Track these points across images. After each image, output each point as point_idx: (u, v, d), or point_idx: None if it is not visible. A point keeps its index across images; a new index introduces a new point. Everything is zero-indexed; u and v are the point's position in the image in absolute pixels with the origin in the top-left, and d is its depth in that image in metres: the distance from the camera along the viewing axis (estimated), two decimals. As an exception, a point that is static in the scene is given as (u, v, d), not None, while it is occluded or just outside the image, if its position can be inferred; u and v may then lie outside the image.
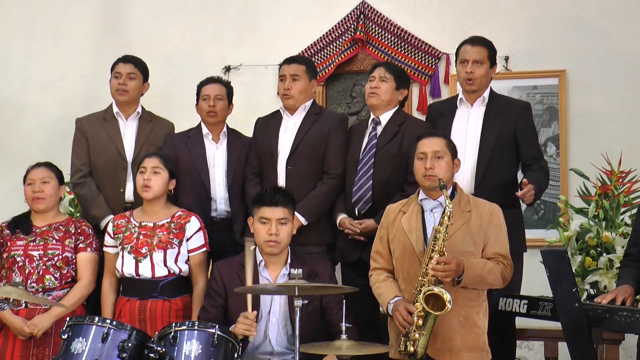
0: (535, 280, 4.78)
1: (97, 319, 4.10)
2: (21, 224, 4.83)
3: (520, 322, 4.84)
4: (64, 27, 7.23)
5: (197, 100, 5.33)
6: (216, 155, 5.26)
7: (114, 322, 4.07)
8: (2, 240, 4.81)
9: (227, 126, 5.37)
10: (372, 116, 5.13)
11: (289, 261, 4.52)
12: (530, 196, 4.65)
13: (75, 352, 3.97)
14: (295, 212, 4.88)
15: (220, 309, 4.51)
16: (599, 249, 4.88)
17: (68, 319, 4.19)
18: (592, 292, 4.79)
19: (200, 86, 5.35)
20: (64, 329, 4.08)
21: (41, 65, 7.24)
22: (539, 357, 5.92)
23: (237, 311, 4.42)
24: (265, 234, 4.45)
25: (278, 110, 5.29)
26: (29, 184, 4.84)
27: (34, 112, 7.19)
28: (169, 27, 7.07)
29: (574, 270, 4.43)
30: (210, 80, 5.35)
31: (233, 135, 5.36)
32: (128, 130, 5.36)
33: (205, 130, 5.29)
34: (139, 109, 5.41)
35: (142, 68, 5.43)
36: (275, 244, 4.45)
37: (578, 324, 3.99)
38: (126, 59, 5.43)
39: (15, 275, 4.66)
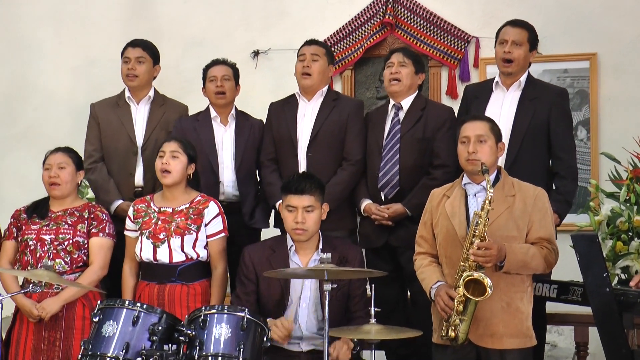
0: (566, 265, 4.76)
1: (127, 302, 4.14)
2: (39, 208, 4.85)
3: (550, 307, 4.83)
4: (93, 13, 7.28)
5: (204, 83, 5.32)
6: (224, 139, 5.25)
7: (145, 306, 4.10)
8: (19, 224, 4.84)
9: (236, 108, 5.35)
10: (392, 102, 5.11)
11: (320, 246, 4.53)
12: (556, 223, 4.65)
13: (107, 335, 4.00)
14: None
15: (253, 295, 4.52)
16: (630, 234, 4.83)
17: (99, 302, 4.24)
18: (623, 276, 4.76)
19: (206, 69, 5.33)
20: (95, 311, 4.12)
21: (70, 50, 7.29)
22: (569, 342, 5.91)
23: (268, 296, 4.46)
24: (292, 222, 4.46)
25: (293, 95, 5.27)
26: (47, 169, 4.85)
27: (63, 98, 7.26)
28: (197, 12, 7.10)
29: (604, 255, 4.41)
30: (216, 62, 5.34)
31: (241, 118, 5.33)
32: (139, 115, 5.37)
33: (213, 113, 5.29)
34: (151, 93, 5.41)
35: (151, 51, 5.41)
36: (302, 231, 4.45)
37: (609, 308, 3.97)
38: (134, 43, 5.42)
39: (27, 258, 4.69)
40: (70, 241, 4.73)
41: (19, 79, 7.37)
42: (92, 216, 4.81)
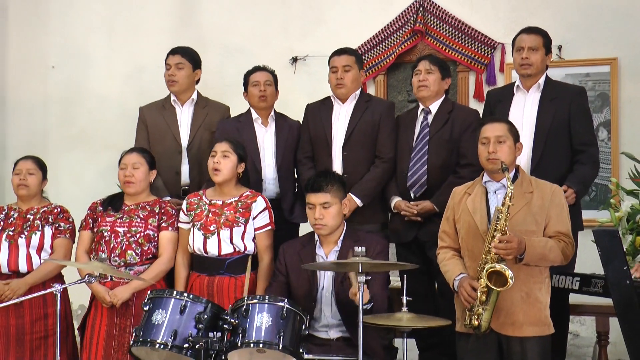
0: (588, 259, 4.72)
1: (175, 292, 4.18)
2: (114, 202, 4.91)
3: (573, 298, 4.79)
4: (143, 22, 7.33)
5: (246, 88, 5.35)
6: (266, 139, 5.28)
7: (191, 296, 4.14)
8: (95, 216, 4.90)
9: (275, 110, 5.38)
10: (421, 106, 5.11)
11: (341, 239, 4.53)
12: (572, 200, 4.61)
13: (156, 323, 4.05)
14: (351, 195, 4.94)
15: (284, 285, 4.55)
16: (650, 229, 4.79)
17: (149, 292, 4.27)
18: (642, 270, 4.71)
19: (248, 74, 5.36)
20: (146, 301, 4.17)
21: (122, 57, 7.35)
22: (590, 332, 5.86)
23: (297, 288, 4.50)
24: (312, 218, 4.50)
25: (328, 97, 5.28)
26: (122, 168, 4.91)
27: (115, 102, 7.31)
28: (239, 21, 7.12)
29: (624, 249, 4.36)
30: (258, 69, 5.38)
31: (280, 119, 5.37)
32: (184, 117, 5.41)
33: (254, 115, 5.31)
34: (194, 96, 5.44)
35: (190, 57, 5.44)
36: (322, 226, 4.47)
37: (629, 300, 3.92)
38: (174, 51, 5.46)
39: (101, 249, 4.75)
40: (142, 234, 4.78)
41: (74, 85, 7.44)
42: (162, 211, 4.86)
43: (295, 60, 6.90)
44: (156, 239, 4.82)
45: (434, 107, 5.05)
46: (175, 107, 5.43)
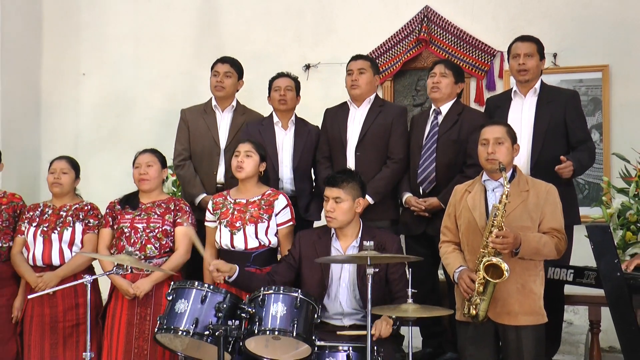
0: (581, 252, 4.71)
1: (196, 283, 4.16)
2: (130, 200, 4.92)
3: (567, 289, 4.77)
4: (167, 32, 7.36)
5: (269, 92, 5.37)
6: (284, 141, 5.29)
7: (211, 286, 4.13)
8: (114, 214, 4.91)
9: (296, 115, 5.39)
10: (433, 107, 5.09)
11: (359, 234, 4.53)
12: (569, 172, 4.59)
13: (179, 312, 4.05)
14: None
15: (291, 268, 4.54)
16: (639, 225, 4.78)
17: (172, 283, 4.28)
18: (632, 263, 4.70)
19: (272, 80, 5.40)
20: (169, 291, 4.17)
21: (148, 65, 7.38)
22: (583, 320, 5.84)
23: (310, 277, 4.48)
24: (325, 210, 4.51)
25: (345, 102, 5.28)
26: (136, 167, 4.93)
27: (142, 106, 7.35)
28: (256, 31, 7.14)
29: (615, 244, 4.35)
30: (280, 75, 5.40)
31: (300, 124, 5.38)
32: (223, 121, 5.42)
33: (275, 118, 5.33)
34: (234, 103, 5.47)
35: (237, 67, 5.48)
36: (331, 219, 4.46)
37: (620, 291, 3.92)
38: (224, 60, 5.48)
39: (123, 244, 4.77)
40: (160, 229, 4.80)
41: (104, 90, 7.48)
42: (177, 208, 4.87)
43: (308, 67, 6.90)
44: (172, 233, 4.83)
45: (445, 108, 5.03)
46: (216, 111, 5.45)
